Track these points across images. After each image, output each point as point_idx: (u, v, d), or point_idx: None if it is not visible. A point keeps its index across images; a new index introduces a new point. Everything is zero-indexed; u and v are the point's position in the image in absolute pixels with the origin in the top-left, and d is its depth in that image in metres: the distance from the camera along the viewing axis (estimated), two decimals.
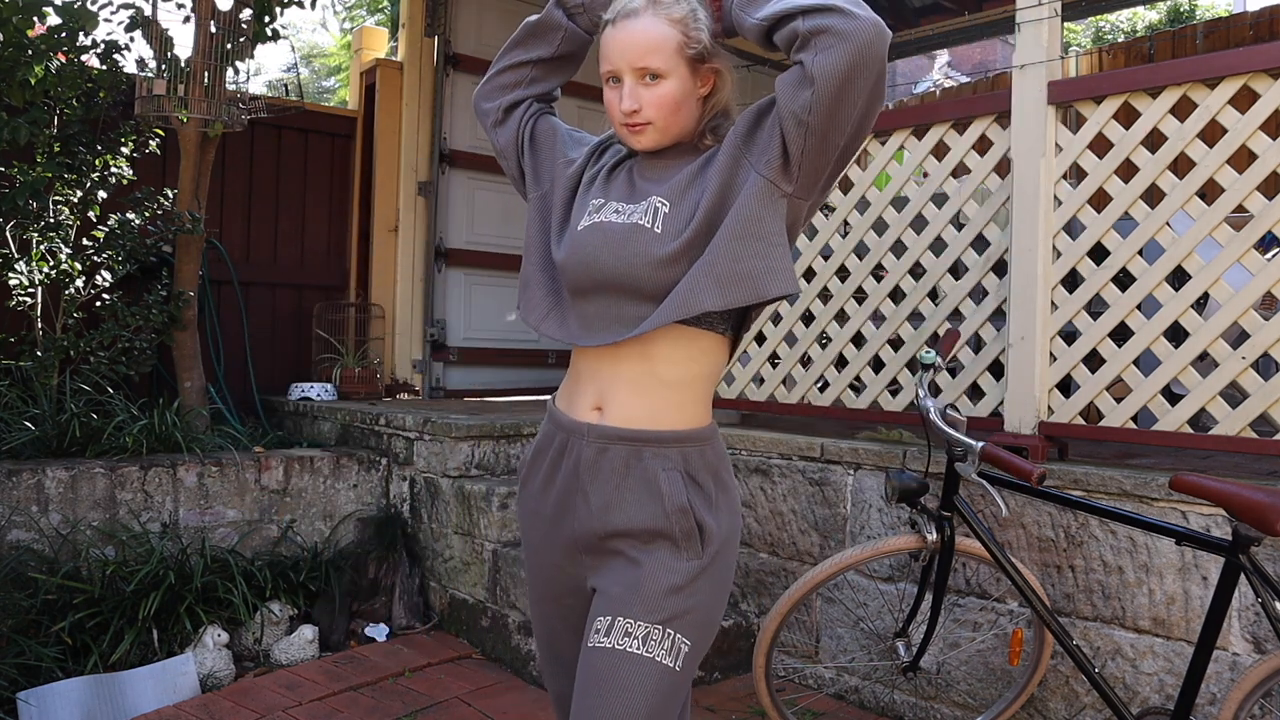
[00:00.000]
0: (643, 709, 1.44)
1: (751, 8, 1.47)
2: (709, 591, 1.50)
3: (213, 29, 4.21)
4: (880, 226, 3.39)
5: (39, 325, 4.09)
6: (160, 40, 4.18)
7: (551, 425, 1.62)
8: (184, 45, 4.29)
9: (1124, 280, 2.77)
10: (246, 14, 4.32)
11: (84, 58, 4.15)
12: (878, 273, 3.42)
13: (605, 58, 1.51)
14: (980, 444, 2.29)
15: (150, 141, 4.43)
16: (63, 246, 4.09)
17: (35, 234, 4.02)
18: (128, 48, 4.27)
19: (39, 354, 4.01)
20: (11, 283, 4.02)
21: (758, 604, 3.46)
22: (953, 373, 3.26)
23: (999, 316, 3.07)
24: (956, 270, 3.25)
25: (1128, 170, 2.71)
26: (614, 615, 1.47)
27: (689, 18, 1.49)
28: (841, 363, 3.47)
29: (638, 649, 1.45)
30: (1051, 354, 2.88)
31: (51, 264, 4.07)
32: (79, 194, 4.16)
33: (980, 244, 3.11)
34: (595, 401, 1.55)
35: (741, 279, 1.43)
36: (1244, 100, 2.52)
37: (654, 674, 1.46)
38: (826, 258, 3.52)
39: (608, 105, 1.53)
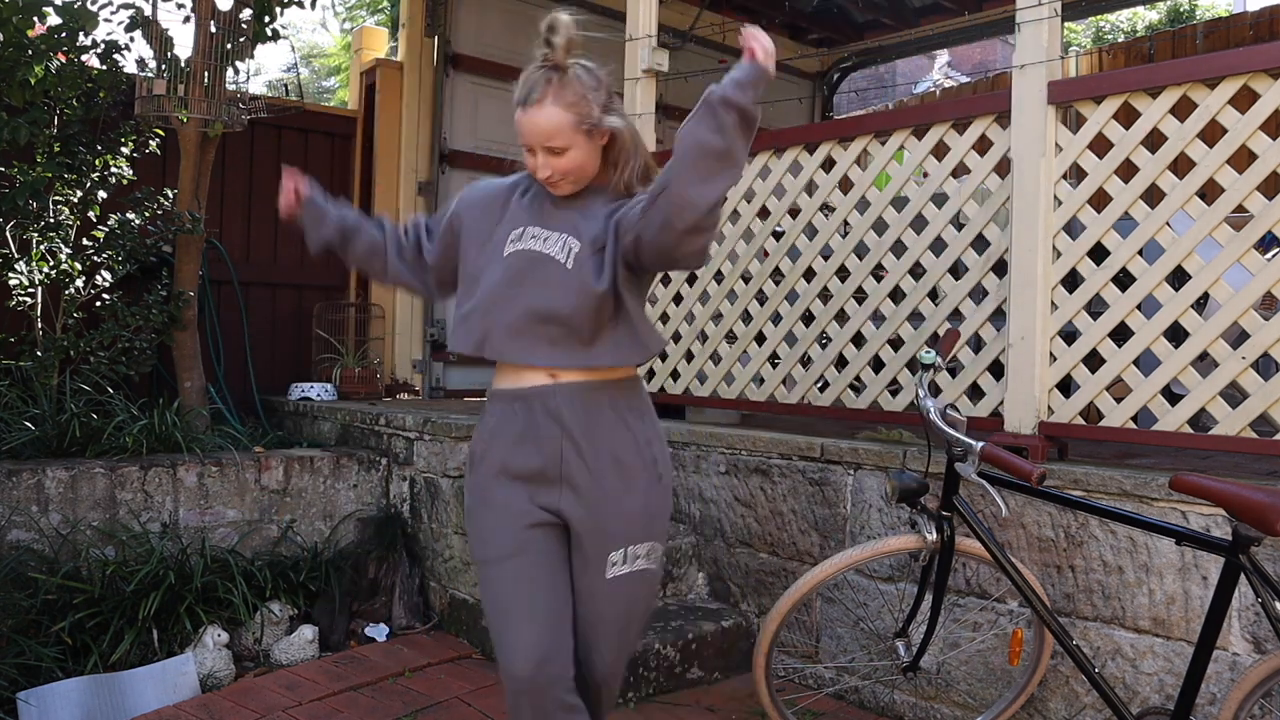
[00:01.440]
0: (651, 604, 2.02)
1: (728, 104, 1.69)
2: (665, 504, 1.98)
3: (213, 29, 4.21)
4: (880, 226, 3.39)
5: (39, 325, 4.09)
6: (160, 40, 4.18)
7: (504, 403, 1.95)
8: (184, 45, 4.29)
9: (1124, 280, 2.77)
10: (246, 14, 4.32)
11: (84, 58, 4.15)
12: (878, 273, 3.42)
13: (520, 134, 1.85)
14: (980, 444, 2.29)
15: (150, 141, 4.43)
16: (63, 246, 4.09)
17: (35, 234, 4.02)
18: (128, 48, 4.27)
19: (39, 354, 4.01)
20: (11, 283, 4.02)
21: (758, 604, 3.46)
22: (953, 373, 3.26)
23: (999, 316, 3.06)
24: (956, 270, 3.25)
25: (1128, 170, 2.71)
26: (624, 546, 1.89)
27: (580, 101, 1.81)
28: (841, 363, 3.47)
29: (643, 565, 1.92)
30: (1051, 354, 2.88)
31: (51, 264, 4.07)
32: (79, 194, 4.16)
33: (980, 244, 3.11)
34: (547, 371, 1.89)
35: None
36: (1244, 100, 2.52)
37: (655, 578, 1.99)
38: (826, 258, 3.52)
39: (528, 166, 1.90)
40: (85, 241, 4.21)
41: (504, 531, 1.90)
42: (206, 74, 4.19)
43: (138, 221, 4.29)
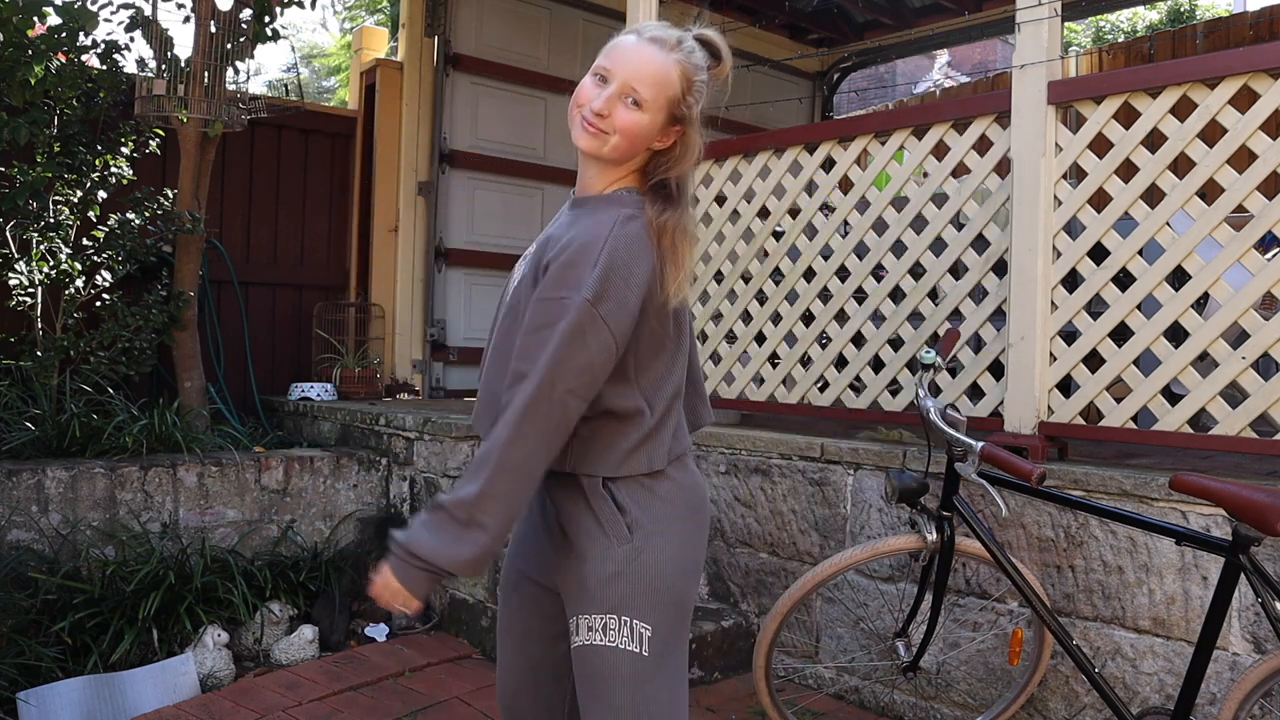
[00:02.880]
0: (636, 700, 1.58)
1: None
2: (640, 574, 1.57)
3: (213, 29, 4.21)
4: (880, 226, 3.39)
5: (39, 325, 4.09)
6: (160, 40, 4.18)
7: None
8: (184, 45, 4.29)
9: (1124, 280, 2.77)
10: (246, 14, 4.32)
11: (84, 58, 4.15)
12: (878, 273, 3.42)
13: (609, 56, 1.55)
14: (980, 444, 2.29)
15: (150, 141, 4.44)
16: (63, 246, 4.09)
17: (35, 234, 4.02)
18: (128, 48, 4.27)
19: (39, 354, 4.01)
20: (11, 283, 4.02)
21: (758, 604, 3.46)
22: (953, 373, 3.26)
23: (999, 316, 3.06)
24: (956, 270, 3.25)
25: (1128, 170, 2.71)
26: (577, 614, 1.59)
27: (697, 84, 1.57)
28: (841, 363, 3.46)
29: (602, 641, 1.57)
30: (1051, 354, 2.88)
31: (51, 264, 4.07)
32: (79, 194, 4.16)
33: (980, 244, 3.11)
34: None
35: None
36: (1244, 100, 2.52)
37: (631, 666, 1.57)
38: (826, 258, 3.52)
39: (580, 90, 1.57)
40: (85, 241, 4.22)
41: (509, 563, 1.80)
42: (206, 74, 4.19)
43: (138, 221, 4.29)
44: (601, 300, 1.46)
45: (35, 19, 3.94)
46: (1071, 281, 2.91)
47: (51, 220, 4.05)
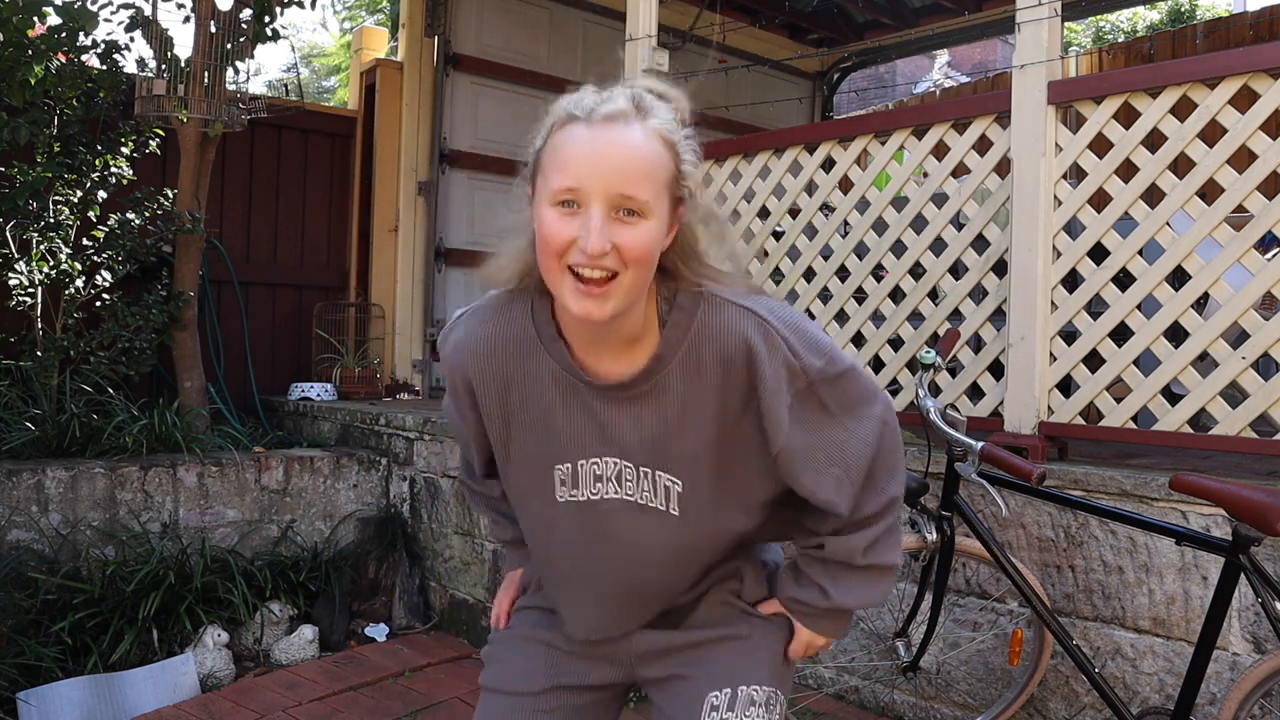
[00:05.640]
0: None
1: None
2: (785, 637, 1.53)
3: (213, 29, 4.21)
4: (880, 226, 3.39)
5: (39, 325, 4.09)
6: (160, 40, 4.19)
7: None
8: (184, 45, 4.29)
9: (1124, 280, 2.77)
10: (246, 14, 4.33)
11: (84, 58, 4.16)
12: (878, 273, 3.42)
13: (565, 169, 1.08)
14: (980, 444, 2.29)
15: (150, 141, 4.44)
16: (63, 246, 4.09)
17: (35, 234, 4.02)
18: (128, 48, 4.27)
19: (39, 354, 4.01)
20: (11, 283, 4.02)
21: None
22: (953, 373, 3.26)
23: (999, 316, 3.06)
24: (956, 270, 3.25)
25: (1128, 170, 2.71)
26: (733, 685, 1.41)
27: (683, 141, 1.13)
28: None
29: (760, 716, 1.39)
30: (1051, 354, 2.88)
31: (51, 264, 4.07)
32: (79, 194, 4.16)
33: (980, 244, 3.11)
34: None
35: None
36: (1244, 100, 2.52)
37: None
38: (826, 258, 3.52)
39: (548, 237, 1.08)
40: (85, 241, 4.22)
41: (534, 670, 1.48)
42: (206, 74, 4.19)
43: (138, 221, 4.29)
44: None
45: (35, 19, 3.94)
46: (1071, 281, 2.91)
47: (51, 220, 4.05)
